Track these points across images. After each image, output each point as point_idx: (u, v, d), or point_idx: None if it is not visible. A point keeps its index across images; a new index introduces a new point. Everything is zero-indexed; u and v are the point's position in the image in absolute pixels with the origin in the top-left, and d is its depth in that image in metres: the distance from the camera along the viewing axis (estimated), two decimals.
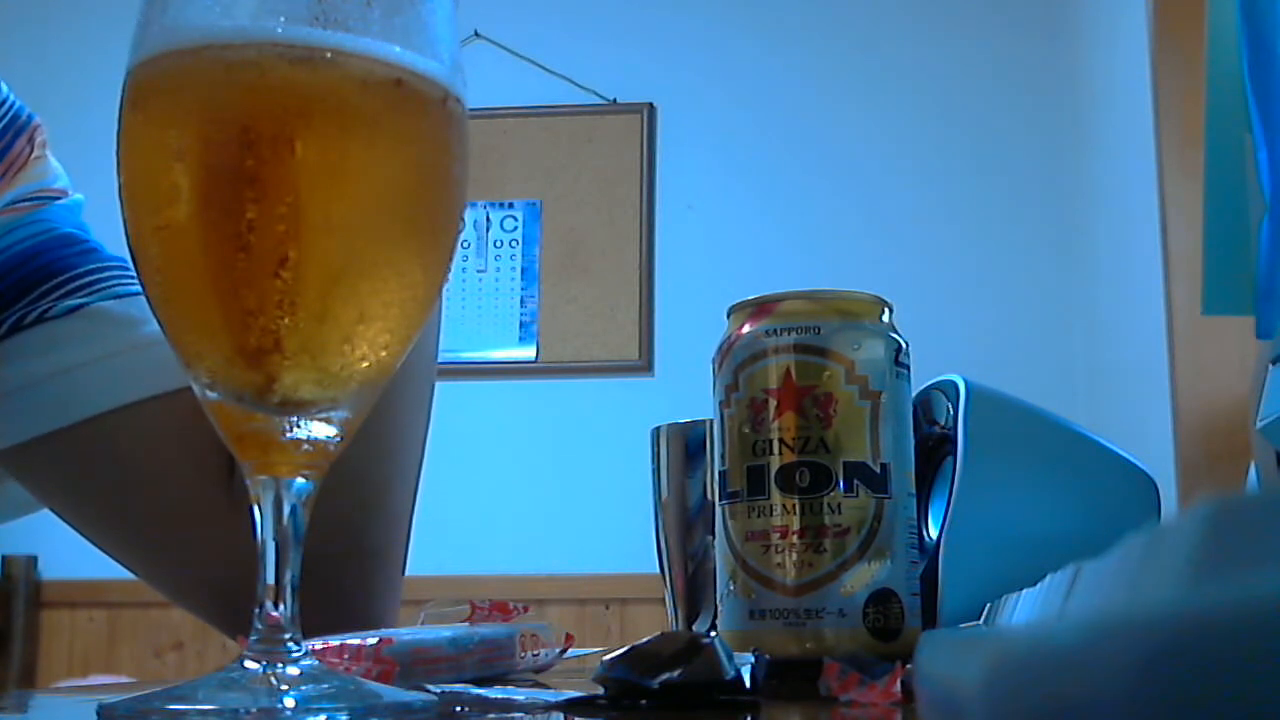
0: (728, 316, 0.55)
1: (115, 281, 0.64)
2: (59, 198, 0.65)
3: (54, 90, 2.55)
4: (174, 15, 0.37)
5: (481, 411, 2.69)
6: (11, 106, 0.64)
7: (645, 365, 2.70)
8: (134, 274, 0.64)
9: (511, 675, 0.54)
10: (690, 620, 0.68)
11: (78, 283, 0.63)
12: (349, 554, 0.63)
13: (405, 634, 0.48)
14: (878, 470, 0.51)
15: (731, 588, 0.52)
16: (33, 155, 0.64)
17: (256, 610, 0.37)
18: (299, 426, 0.37)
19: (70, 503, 0.66)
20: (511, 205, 2.79)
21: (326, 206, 0.36)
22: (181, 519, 0.65)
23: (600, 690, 0.41)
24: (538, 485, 2.66)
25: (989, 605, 0.49)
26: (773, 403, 0.51)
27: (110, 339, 0.63)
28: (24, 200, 0.63)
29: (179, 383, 0.62)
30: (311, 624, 0.39)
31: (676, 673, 0.39)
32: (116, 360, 0.62)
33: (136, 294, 0.64)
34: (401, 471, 0.66)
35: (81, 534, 0.66)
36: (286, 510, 0.37)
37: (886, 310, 0.54)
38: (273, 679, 0.35)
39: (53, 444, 0.63)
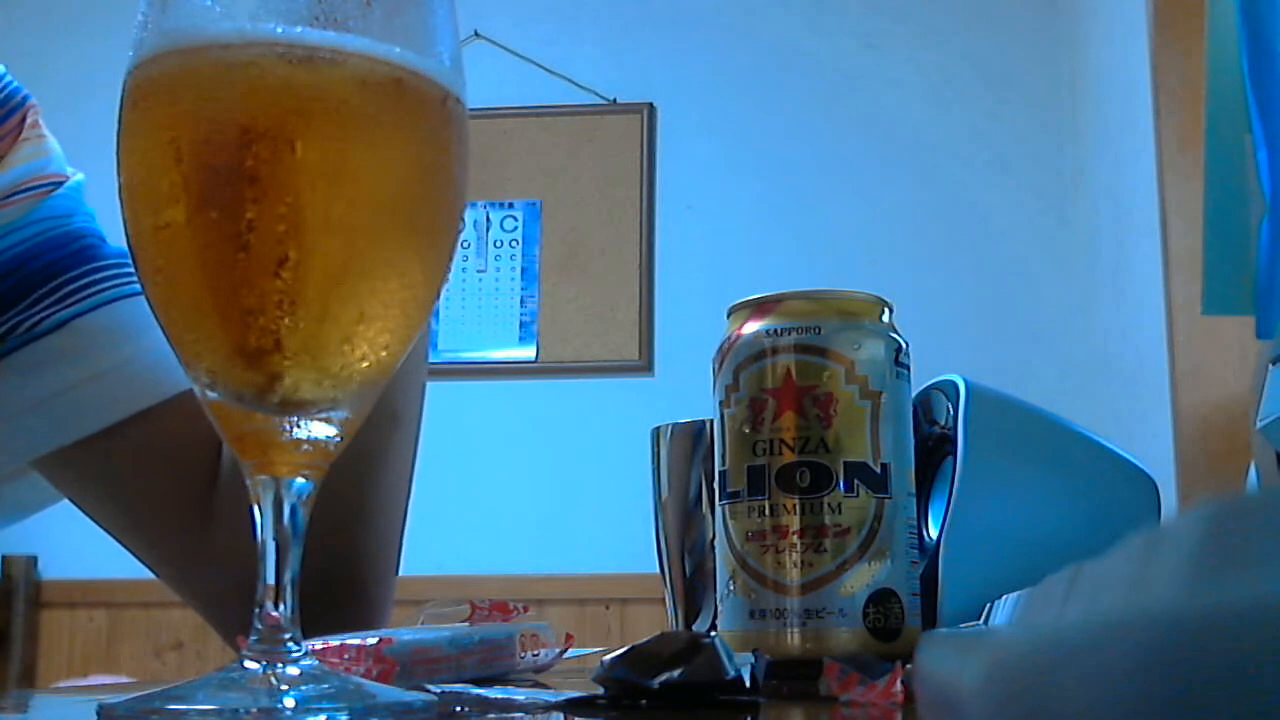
0: (728, 316, 0.55)
1: (108, 284, 0.63)
2: (57, 185, 0.64)
3: (54, 90, 2.55)
4: (174, 15, 0.37)
5: (481, 411, 2.69)
6: (7, 85, 0.64)
7: (645, 365, 2.70)
8: (130, 270, 0.64)
9: (511, 675, 0.54)
10: (690, 620, 0.68)
11: (69, 288, 0.62)
12: (338, 586, 0.63)
13: (405, 634, 0.48)
14: (878, 470, 0.51)
15: (731, 588, 0.52)
16: (21, 136, 0.63)
17: (256, 610, 0.37)
18: (299, 426, 0.37)
19: (82, 508, 0.66)
20: (511, 205, 2.79)
21: (326, 206, 0.36)
22: (169, 530, 0.65)
23: (600, 690, 0.41)
24: (538, 485, 2.66)
25: (989, 605, 0.49)
26: (773, 403, 0.51)
27: (93, 359, 0.62)
28: (20, 192, 0.62)
29: (160, 397, 0.63)
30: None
31: (676, 673, 0.39)
32: (100, 381, 0.62)
33: (127, 296, 0.63)
34: (390, 502, 0.66)
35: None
36: (286, 510, 0.37)
37: (886, 310, 0.54)
38: (273, 679, 0.35)
39: (45, 465, 0.63)
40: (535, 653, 0.56)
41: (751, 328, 0.53)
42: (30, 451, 0.63)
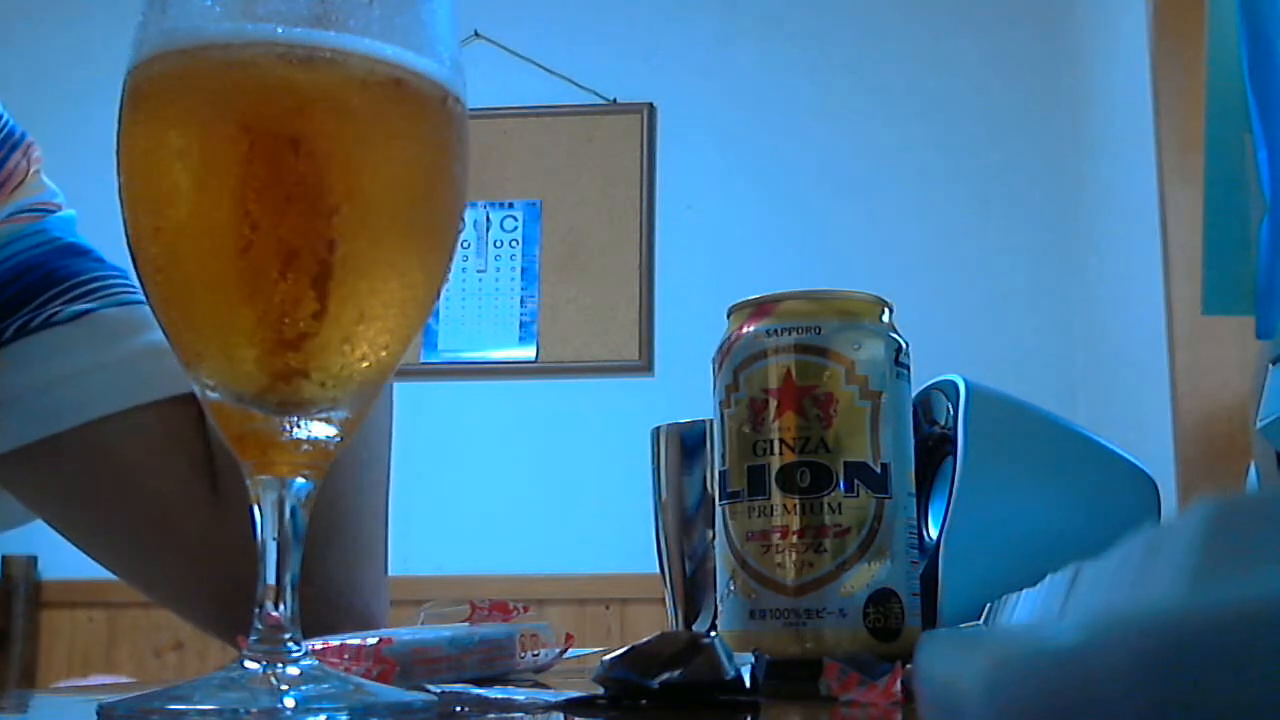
0: (728, 316, 0.55)
1: (119, 289, 0.65)
2: (55, 210, 0.66)
3: (53, 91, 2.55)
4: (174, 15, 0.37)
5: (481, 411, 2.69)
6: (6, 123, 0.65)
7: (645, 365, 2.70)
8: (135, 282, 0.65)
9: (511, 675, 0.54)
10: (690, 620, 0.68)
11: (84, 289, 0.64)
12: (335, 552, 0.64)
13: (405, 634, 0.48)
14: (878, 470, 0.51)
15: (731, 588, 0.52)
16: (30, 170, 0.65)
17: (256, 610, 0.37)
18: (299, 426, 0.37)
19: (63, 508, 0.66)
20: (511, 205, 2.79)
21: (326, 206, 0.36)
22: (170, 521, 0.65)
23: (600, 690, 0.41)
24: (538, 485, 2.66)
25: (989, 605, 0.49)
26: (773, 403, 0.51)
27: (111, 346, 0.63)
28: (23, 212, 0.64)
29: (172, 391, 0.63)
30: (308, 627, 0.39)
31: (676, 673, 0.39)
32: (116, 368, 0.63)
33: (138, 302, 0.64)
34: (375, 466, 0.67)
35: (73, 541, 0.67)
36: (287, 510, 0.37)
37: (886, 310, 0.54)
38: (273, 679, 0.35)
39: (51, 447, 0.63)
40: (535, 653, 0.56)
41: (751, 328, 0.53)
42: (35, 433, 0.63)
